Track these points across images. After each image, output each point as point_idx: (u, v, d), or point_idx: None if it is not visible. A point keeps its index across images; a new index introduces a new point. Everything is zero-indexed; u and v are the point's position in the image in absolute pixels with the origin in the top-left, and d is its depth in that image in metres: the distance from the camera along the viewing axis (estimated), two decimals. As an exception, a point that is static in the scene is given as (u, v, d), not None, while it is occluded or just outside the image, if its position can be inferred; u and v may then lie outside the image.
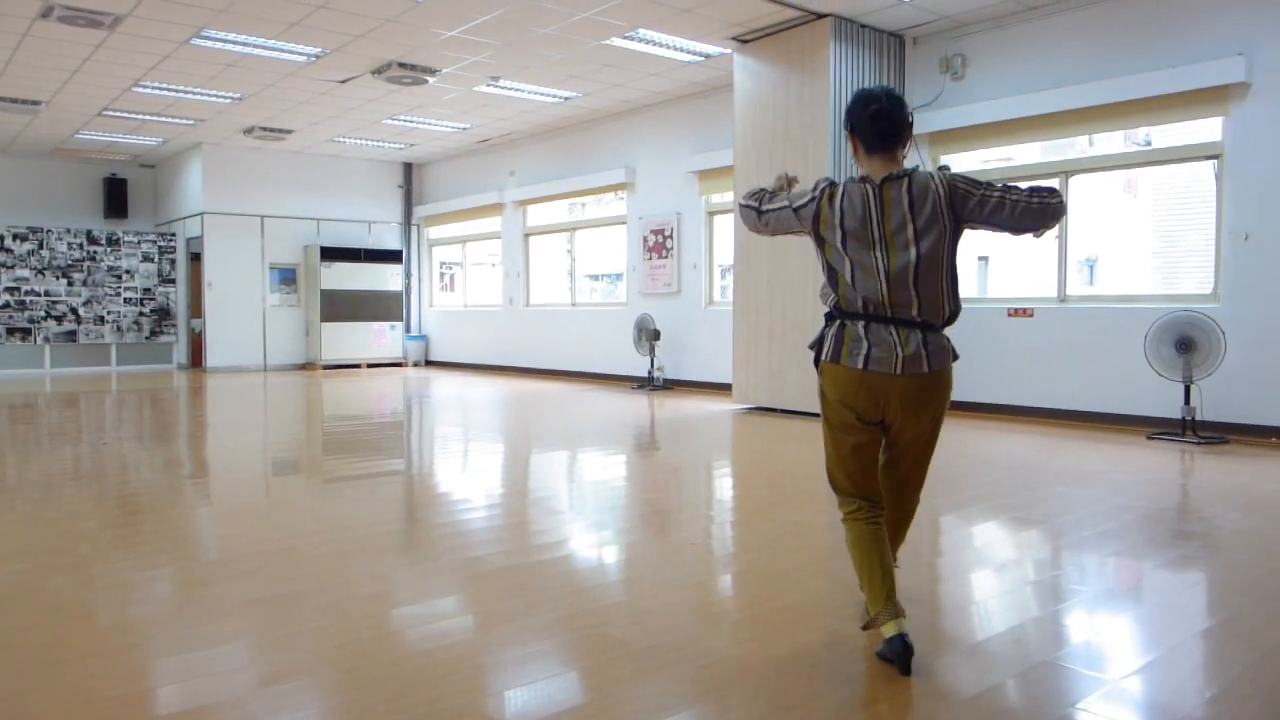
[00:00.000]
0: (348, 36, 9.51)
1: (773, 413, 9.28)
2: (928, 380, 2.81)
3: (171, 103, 12.33)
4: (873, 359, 2.78)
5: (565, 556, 4.20)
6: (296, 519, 5.00)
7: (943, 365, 2.83)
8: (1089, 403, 8.29)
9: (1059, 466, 6.48)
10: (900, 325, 2.79)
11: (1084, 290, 10.36)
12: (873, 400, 2.82)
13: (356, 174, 17.01)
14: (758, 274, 9.43)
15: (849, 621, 3.20)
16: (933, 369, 2.80)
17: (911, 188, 2.80)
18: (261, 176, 15.96)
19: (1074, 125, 8.43)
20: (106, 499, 5.46)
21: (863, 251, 2.79)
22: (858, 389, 2.82)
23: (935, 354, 2.81)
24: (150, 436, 8.26)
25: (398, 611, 3.41)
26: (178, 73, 10.85)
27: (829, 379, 2.88)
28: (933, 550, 4.38)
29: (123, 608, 3.43)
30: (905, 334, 2.78)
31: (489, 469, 6.83)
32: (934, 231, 2.77)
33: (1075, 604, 3.48)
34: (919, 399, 2.82)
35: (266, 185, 16.05)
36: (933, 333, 2.83)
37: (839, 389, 2.86)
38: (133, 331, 16.31)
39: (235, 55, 10.14)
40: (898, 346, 2.77)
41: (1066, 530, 4.62)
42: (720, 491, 5.94)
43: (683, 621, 3.26)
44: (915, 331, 2.79)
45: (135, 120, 13.35)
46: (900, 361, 2.77)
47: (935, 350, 2.82)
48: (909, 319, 2.78)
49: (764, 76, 9.38)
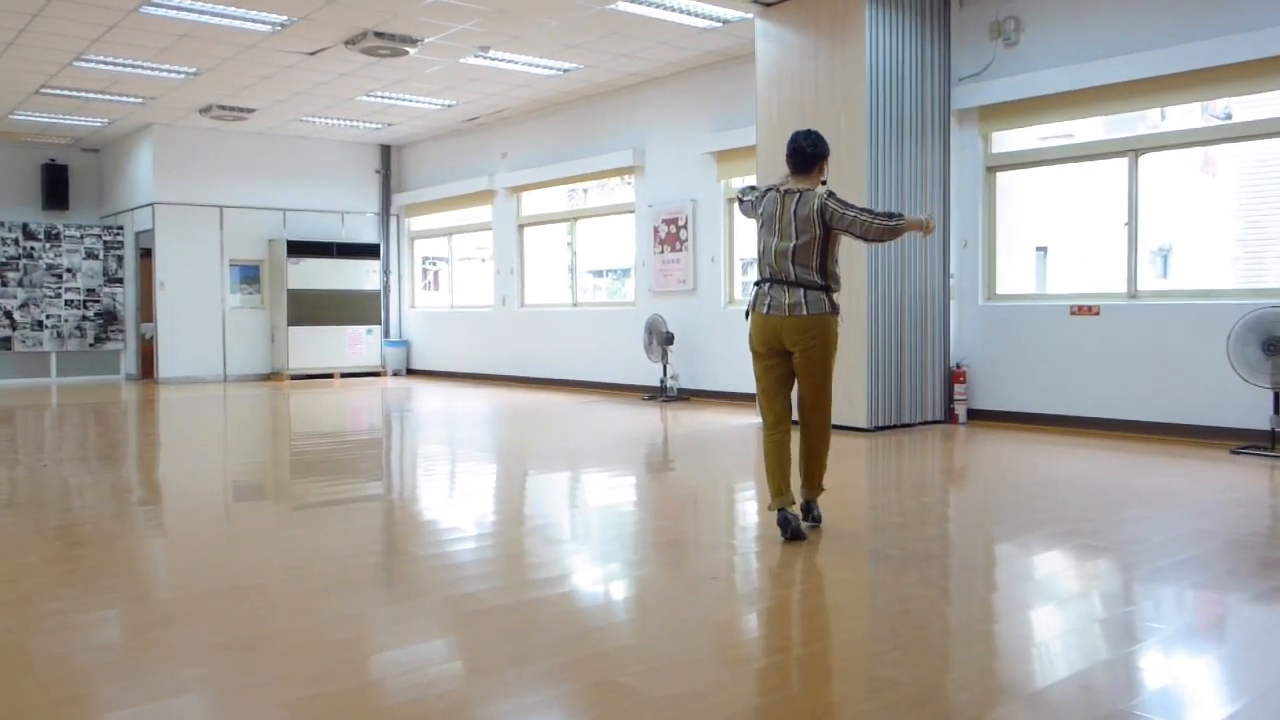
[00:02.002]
0: (317, 2, 9.55)
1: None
2: (805, 321, 4.75)
3: (118, 79, 12.39)
4: (771, 306, 4.83)
5: (568, 593, 4.19)
6: (261, 552, 5.00)
7: (818, 311, 4.74)
8: (1164, 413, 8.26)
9: (1130, 486, 6.44)
10: (788, 285, 4.79)
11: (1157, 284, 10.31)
12: (773, 334, 4.84)
13: (328, 158, 17.06)
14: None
15: (894, 667, 3.19)
16: (809, 314, 4.74)
17: (799, 201, 4.78)
18: (220, 162, 16.02)
19: (1143, 97, 8.40)
20: (46, 529, 5.47)
21: (769, 236, 4.86)
22: (762, 326, 4.87)
23: (811, 304, 4.74)
24: (96, 457, 8.28)
25: (377, 657, 3.41)
26: (125, 45, 10.90)
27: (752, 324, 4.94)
28: (987, 584, 4.36)
29: (65, 654, 3.43)
30: (791, 290, 4.78)
31: (480, 493, 6.82)
32: (809, 231, 4.75)
33: (1151, 644, 3.46)
34: (801, 331, 4.78)
35: (226, 172, 16.10)
36: (812, 290, 4.75)
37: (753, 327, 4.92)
38: (75, 338, 16.38)
39: (189, 24, 10.18)
40: (785, 298, 4.79)
41: (1140, 559, 4.59)
42: (744, 518, 5.92)
43: (703, 667, 3.25)
44: (798, 289, 4.77)
45: (77, 99, 13.42)
46: (786, 307, 4.79)
47: (812, 301, 4.75)
48: (792, 281, 4.78)
49: (790, 44, 9.39)
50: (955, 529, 5.48)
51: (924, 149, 9.24)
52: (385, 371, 17.25)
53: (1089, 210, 11.11)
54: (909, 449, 8.13)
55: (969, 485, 6.89)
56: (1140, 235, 8.62)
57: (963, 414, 9.38)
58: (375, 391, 14.44)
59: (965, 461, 7.83)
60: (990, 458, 7.79)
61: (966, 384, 9.40)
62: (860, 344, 8.77)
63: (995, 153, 9.50)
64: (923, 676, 3.11)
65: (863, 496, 6.40)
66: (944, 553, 4.86)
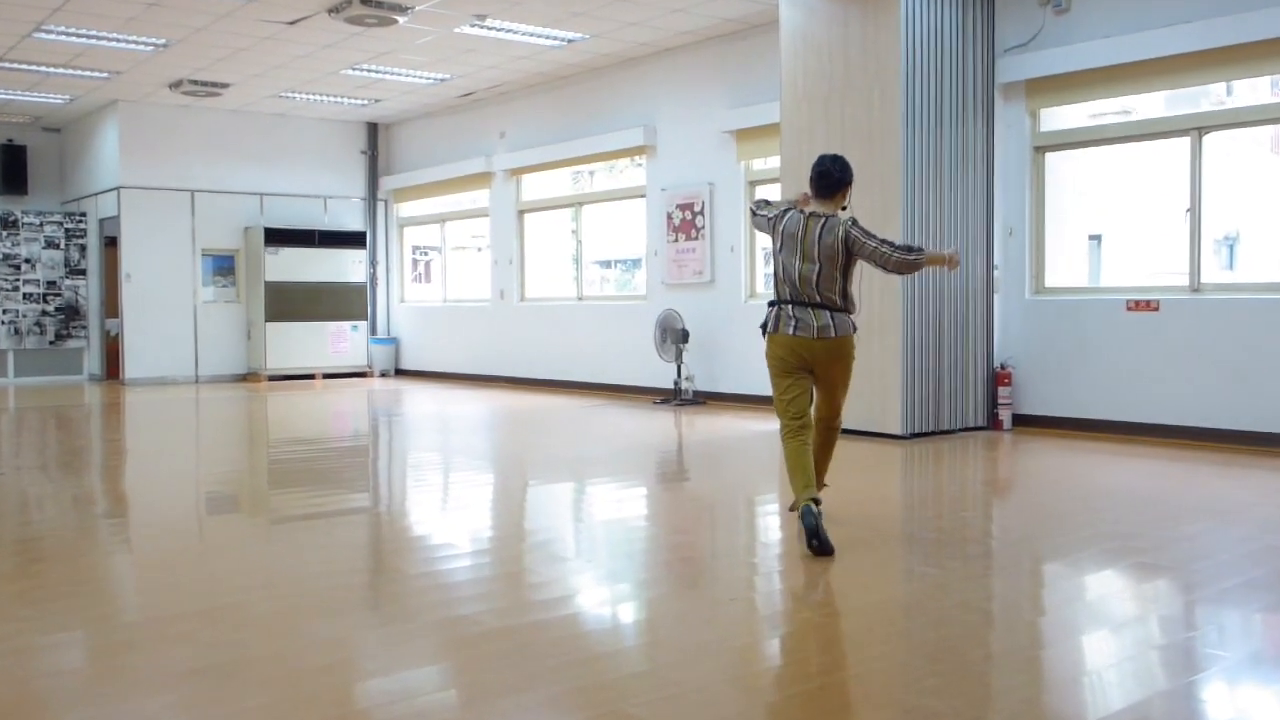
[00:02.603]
0: (298, -33, 9.58)
1: (830, 433, 9.26)
2: (835, 343, 5.30)
3: (81, 51, 12.44)
4: (798, 327, 5.30)
5: (572, 615, 4.20)
6: (237, 569, 5.02)
7: (845, 333, 5.30)
8: (1229, 419, 8.23)
9: (1191, 499, 6.43)
10: (814, 308, 5.28)
11: (1222, 277, 10.29)
12: (801, 355, 5.34)
13: (309, 138, 17.10)
14: (810, 259, 9.42)
15: (931, 696, 3.19)
16: (837, 336, 5.28)
17: (824, 226, 5.26)
18: (191, 142, 16.06)
19: (1207, 70, 8.37)
20: (3, 543, 5.49)
21: (790, 257, 5.33)
22: (791, 347, 5.34)
23: (839, 326, 5.28)
24: (57, 465, 8.31)
25: (364, 685, 3.42)
26: (89, 14, 10.94)
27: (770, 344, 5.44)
28: (1034, 606, 4.36)
29: (23, 680, 3.45)
30: (818, 313, 5.28)
31: (476, 506, 6.84)
32: (833, 257, 5.24)
33: (1214, 673, 3.45)
34: (830, 353, 5.33)
35: (198, 152, 16.14)
36: (837, 313, 5.28)
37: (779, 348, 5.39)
38: (34, 335, 16.45)
39: (159, -8, 10.22)
40: (813, 320, 5.27)
41: (1202, 580, 4.58)
42: (765, 533, 5.92)
43: (720, 697, 3.25)
44: (824, 311, 5.27)
45: (37, 74, 13.47)
46: (815, 330, 5.27)
47: (839, 324, 5.28)
48: (817, 304, 5.28)
49: (817, 12, 9.38)
50: (998, 546, 5.47)
51: (965, 127, 9.22)
52: (372, 372, 17.28)
53: (1147, 195, 11.07)
54: (948, 458, 8.12)
55: (1014, 497, 6.88)
56: (1204, 222, 8.57)
57: (1007, 419, 9.36)
58: (361, 394, 14.48)
59: (1010, 471, 7.81)
60: (1037, 467, 7.77)
61: (1011, 386, 9.37)
62: (894, 343, 8.76)
63: (1044, 131, 9.47)
64: (962, 707, 3.10)
65: (896, 510, 6.40)
66: (986, 572, 4.86)
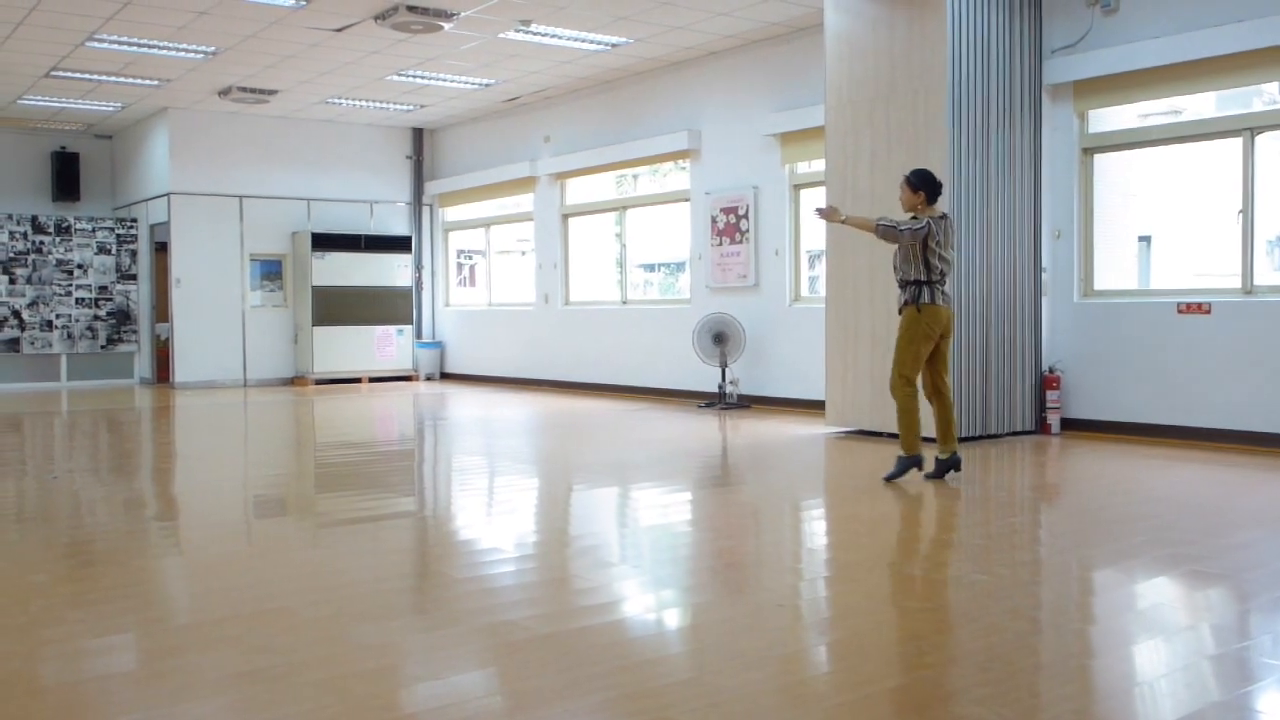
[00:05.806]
0: (345, -25, 9.66)
1: (877, 437, 9.20)
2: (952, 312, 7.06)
3: (132, 60, 12.62)
4: (946, 300, 6.94)
5: (618, 621, 4.20)
6: (286, 573, 5.07)
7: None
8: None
9: (1245, 505, 6.35)
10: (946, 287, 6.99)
11: (1275, 279, 10.12)
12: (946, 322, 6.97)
13: (355, 143, 17.24)
14: (856, 263, 9.38)
15: (980, 706, 3.16)
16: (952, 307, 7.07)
17: (947, 223, 6.96)
18: (240, 148, 16.25)
19: (1260, 69, 8.26)
20: (56, 546, 5.58)
21: (944, 250, 6.89)
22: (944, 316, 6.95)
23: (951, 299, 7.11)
24: (108, 469, 8.43)
25: (410, 689, 3.44)
26: (140, 23, 11.09)
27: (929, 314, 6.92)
28: (1083, 614, 4.31)
29: (75, 682, 3.50)
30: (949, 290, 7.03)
31: (521, 510, 6.86)
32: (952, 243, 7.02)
33: (1269, 684, 3.41)
34: (952, 319, 7.02)
35: (246, 159, 16.32)
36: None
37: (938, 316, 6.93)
38: (86, 339, 16.69)
39: (209, 1, 10.35)
40: (950, 294, 7.01)
41: (1258, 588, 4.52)
42: (812, 539, 5.90)
43: (767, 704, 3.24)
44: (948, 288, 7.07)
45: (89, 82, 13.69)
46: (951, 301, 7.00)
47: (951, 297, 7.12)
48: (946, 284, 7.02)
49: (863, 15, 9.34)
50: (1048, 552, 5.42)
51: (1013, 129, 9.14)
52: (417, 375, 17.39)
53: (1198, 196, 10.94)
54: (996, 463, 8.06)
55: (1063, 503, 6.81)
56: (1256, 224, 8.48)
57: (1056, 424, 9.27)
58: (407, 397, 14.57)
59: (1059, 476, 7.74)
60: (1087, 472, 7.70)
61: (1060, 390, 9.28)
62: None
63: (1092, 132, 9.39)
64: (1012, 717, 3.07)
65: (944, 517, 6.35)
66: (1035, 579, 4.82)
